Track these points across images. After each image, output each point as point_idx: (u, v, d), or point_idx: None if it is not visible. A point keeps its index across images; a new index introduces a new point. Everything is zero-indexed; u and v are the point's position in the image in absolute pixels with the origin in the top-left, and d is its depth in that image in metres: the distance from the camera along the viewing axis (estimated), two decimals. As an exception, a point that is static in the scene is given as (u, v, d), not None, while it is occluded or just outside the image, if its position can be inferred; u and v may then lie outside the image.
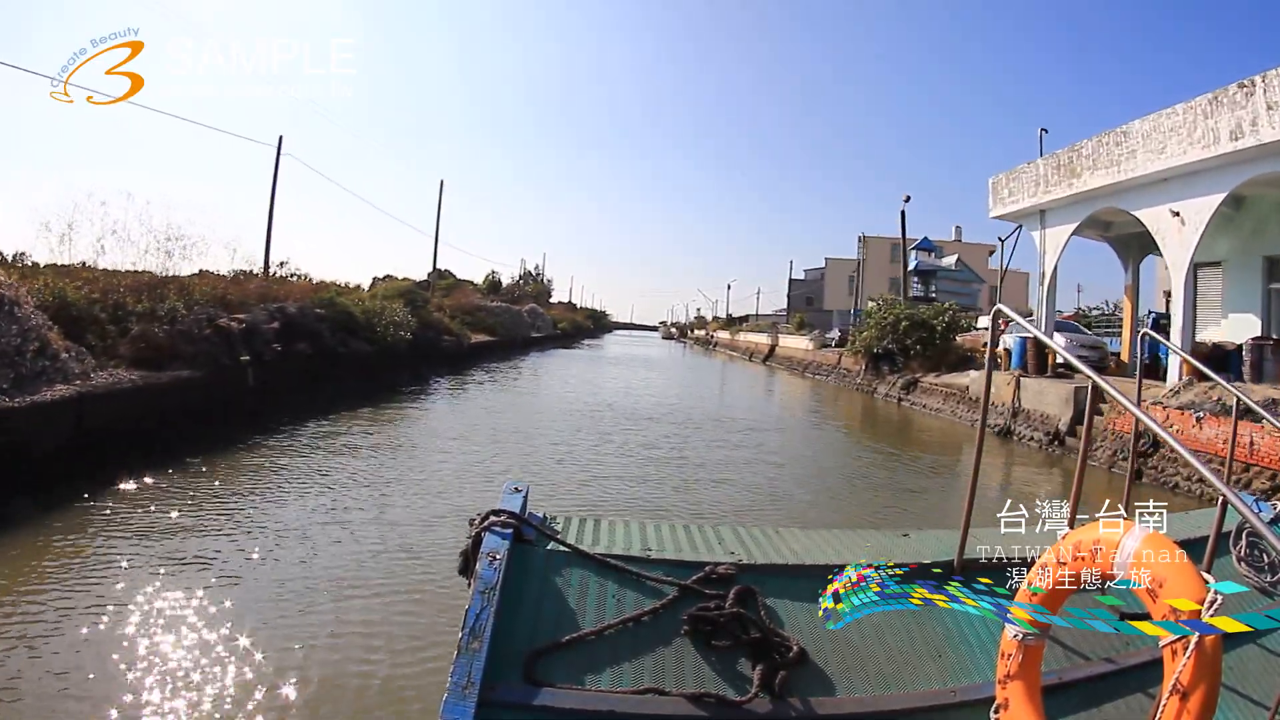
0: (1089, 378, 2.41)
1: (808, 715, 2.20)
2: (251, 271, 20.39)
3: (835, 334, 39.51)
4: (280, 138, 24.34)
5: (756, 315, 71.61)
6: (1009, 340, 17.96)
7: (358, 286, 24.82)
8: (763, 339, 50.08)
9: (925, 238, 40.51)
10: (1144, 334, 4.75)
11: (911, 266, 38.45)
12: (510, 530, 2.51)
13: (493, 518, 2.53)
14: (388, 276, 39.18)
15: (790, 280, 67.34)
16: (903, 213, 30.92)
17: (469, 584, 2.31)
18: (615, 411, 16.75)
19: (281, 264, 23.33)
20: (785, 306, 66.05)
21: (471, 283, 50.81)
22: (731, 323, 72.19)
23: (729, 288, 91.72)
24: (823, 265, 63.16)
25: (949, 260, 42.35)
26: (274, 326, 14.07)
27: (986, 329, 5.04)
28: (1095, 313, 40.22)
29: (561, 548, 2.58)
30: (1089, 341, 18.81)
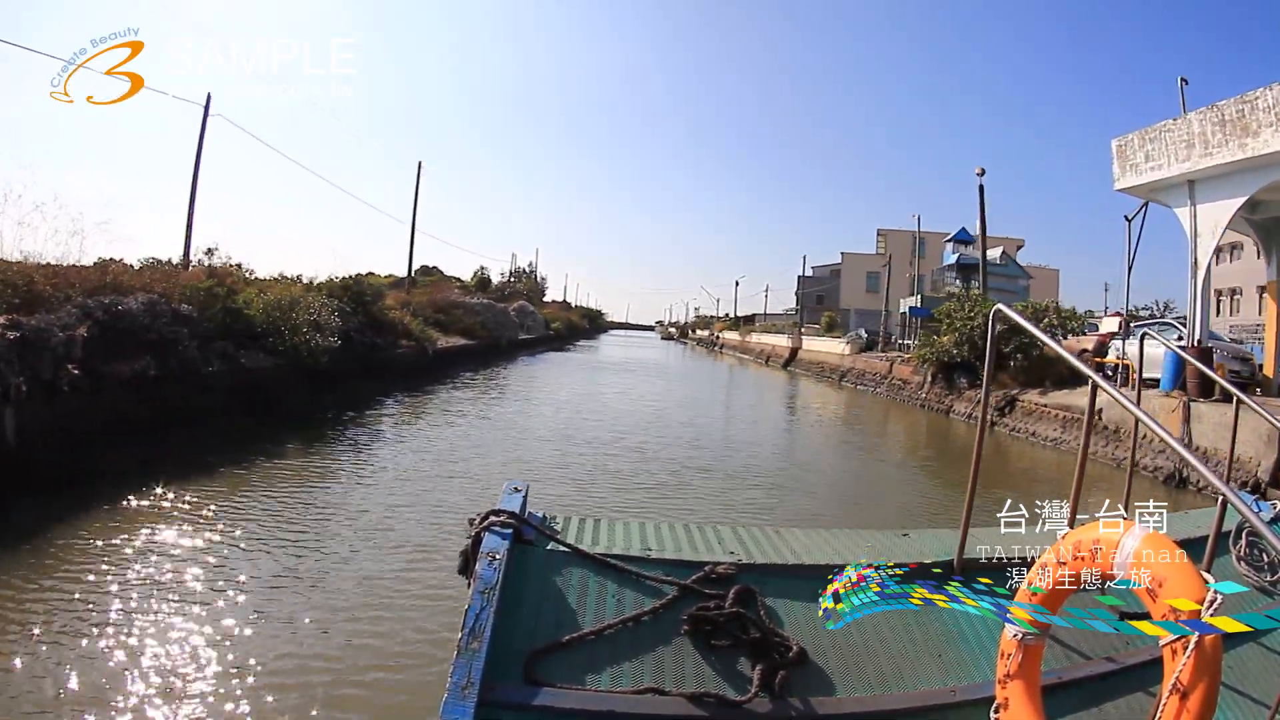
0: (1089, 378, 2.42)
1: (807, 715, 2.20)
2: (170, 261, 16.91)
3: (862, 336, 35.42)
4: (209, 95, 18.40)
5: (765, 315, 66.78)
6: (1139, 349, 14.58)
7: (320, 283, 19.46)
8: (782, 341, 44.50)
9: (963, 229, 34.73)
10: (1143, 335, 4.69)
11: (951, 260, 33.92)
12: (510, 530, 2.51)
13: (492, 517, 2.53)
14: (370, 274, 35.32)
15: (799, 277, 62.26)
16: (981, 188, 24.53)
17: (469, 584, 2.31)
18: (647, 457, 11.26)
19: (209, 252, 18.20)
20: (795, 305, 61.62)
21: (459, 280, 46.82)
22: (740, 323, 66.82)
23: (737, 285, 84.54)
24: (834, 261, 58.95)
25: (993, 253, 37.07)
26: (80, 334, 8.87)
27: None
28: (1144, 313, 35.63)
29: (561, 547, 2.58)
30: (1238, 353, 15.14)
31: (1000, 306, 2.93)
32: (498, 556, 2.35)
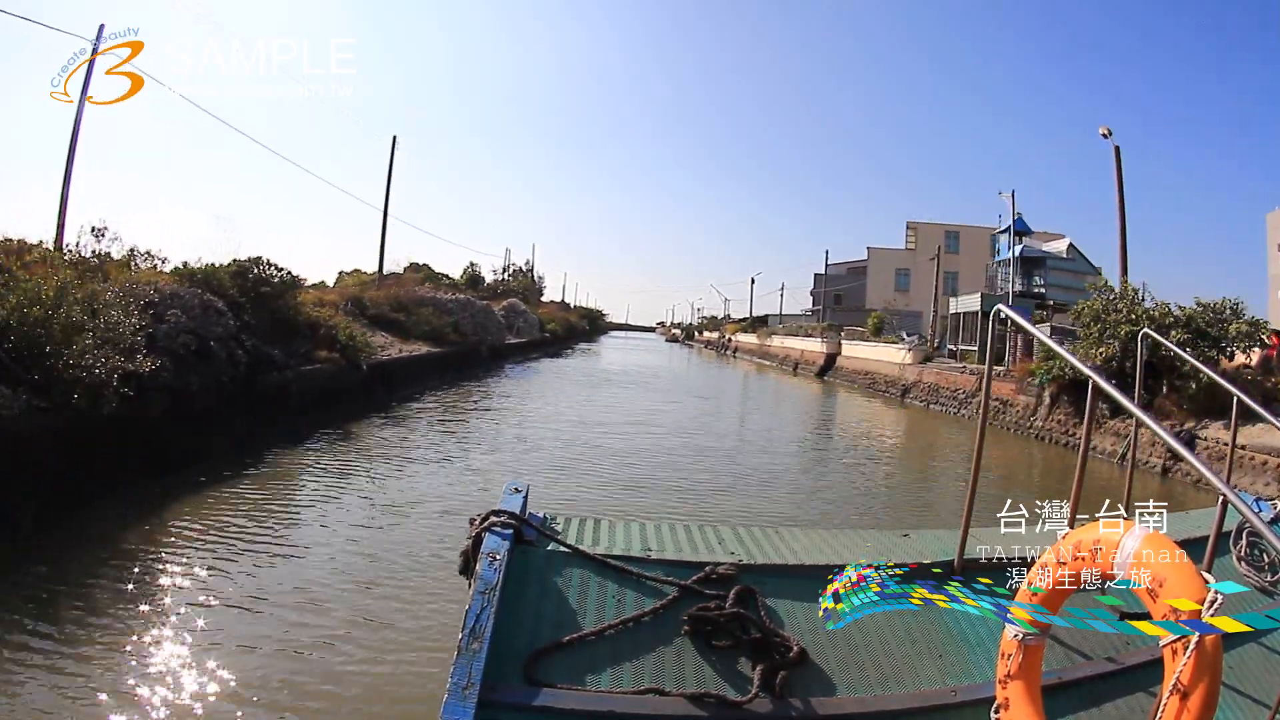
0: (1089, 377, 2.42)
1: (808, 715, 2.20)
2: (41, 243, 11.35)
3: (915, 340, 29.95)
4: (100, 26, 12.17)
5: (780, 316, 60.49)
6: None
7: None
8: (813, 345, 37.95)
9: (1019, 218, 29.60)
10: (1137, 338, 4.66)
11: (1014, 251, 29.10)
12: (511, 531, 2.51)
13: (493, 518, 2.54)
14: (355, 271, 32.97)
15: (817, 275, 56.36)
16: (1116, 149, 19.78)
17: (469, 584, 2.31)
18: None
19: (97, 232, 12.49)
20: (812, 306, 57.39)
21: (447, 277, 42.00)
22: (757, 324, 59.66)
23: (753, 282, 72.65)
24: (851, 259, 53.57)
25: (1059, 246, 31.48)
26: None
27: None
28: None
29: (562, 548, 2.58)
30: None
31: (1000, 307, 2.90)
32: (498, 557, 2.35)
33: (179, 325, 9.78)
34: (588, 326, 75.19)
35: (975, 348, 24.98)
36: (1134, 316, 14.51)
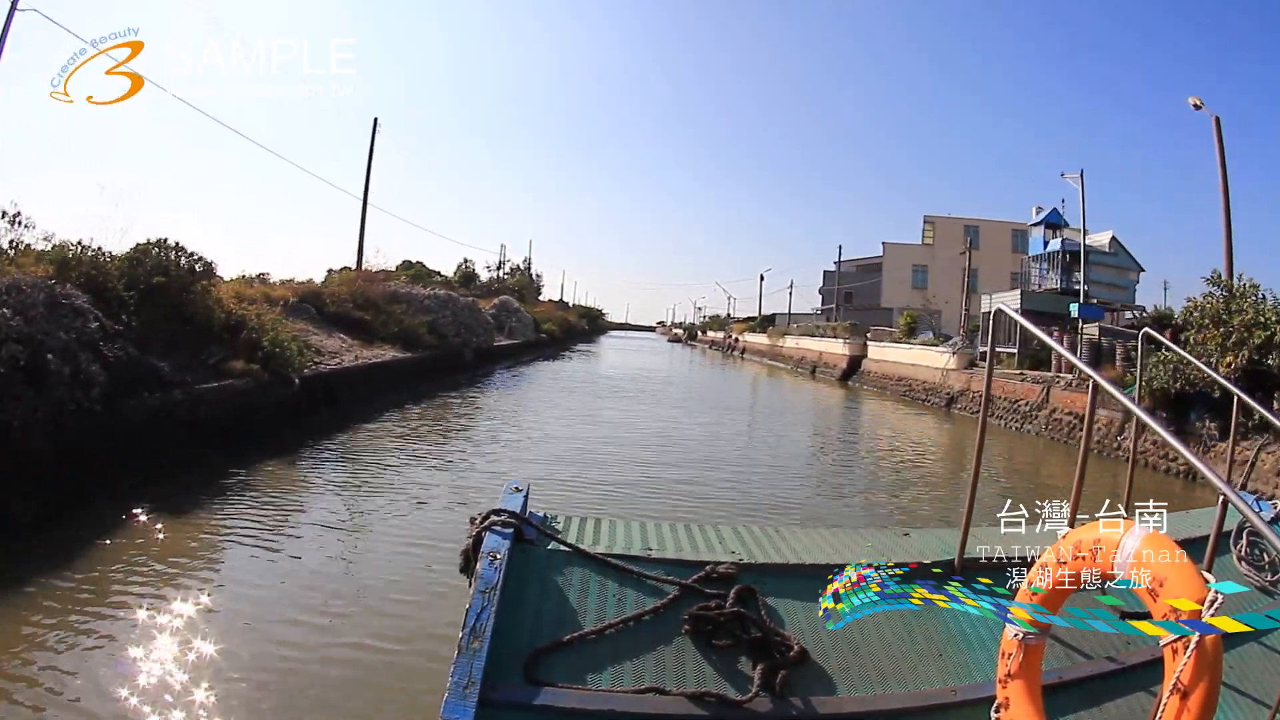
0: (1089, 375, 2.42)
1: (808, 714, 2.20)
2: None
3: (959, 342, 26.61)
4: None
5: (789, 315, 57.84)
6: None
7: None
8: (834, 347, 35.21)
9: (1054, 210, 26.70)
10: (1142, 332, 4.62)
11: (1049, 248, 26.37)
12: (511, 530, 2.51)
13: (493, 517, 2.54)
14: (345, 269, 29.80)
15: (827, 272, 54.26)
16: (1216, 120, 17.78)
17: (470, 583, 2.31)
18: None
19: (11, 217, 9.82)
20: (821, 305, 55.73)
21: (440, 274, 39.92)
22: (766, 324, 57.22)
23: (762, 279, 69.08)
24: (861, 256, 51.94)
25: (1101, 239, 27.41)
26: None
27: None
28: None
29: (562, 547, 2.59)
30: None
31: (1001, 306, 2.90)
32: (499, 556, 2.36)
33: (6, 331, 6.80)
34: (587, 326, 73.22)
35: (1014, 350, 21.96)
36: (1263, 319, 12.32)
